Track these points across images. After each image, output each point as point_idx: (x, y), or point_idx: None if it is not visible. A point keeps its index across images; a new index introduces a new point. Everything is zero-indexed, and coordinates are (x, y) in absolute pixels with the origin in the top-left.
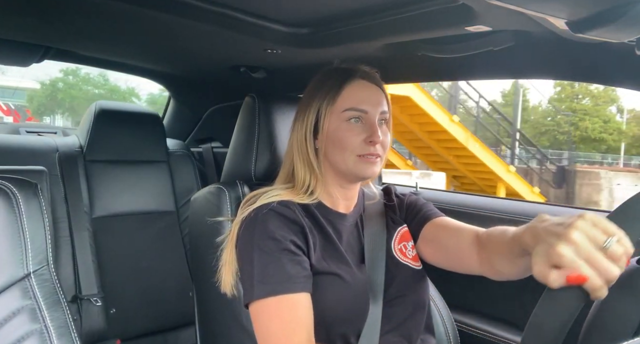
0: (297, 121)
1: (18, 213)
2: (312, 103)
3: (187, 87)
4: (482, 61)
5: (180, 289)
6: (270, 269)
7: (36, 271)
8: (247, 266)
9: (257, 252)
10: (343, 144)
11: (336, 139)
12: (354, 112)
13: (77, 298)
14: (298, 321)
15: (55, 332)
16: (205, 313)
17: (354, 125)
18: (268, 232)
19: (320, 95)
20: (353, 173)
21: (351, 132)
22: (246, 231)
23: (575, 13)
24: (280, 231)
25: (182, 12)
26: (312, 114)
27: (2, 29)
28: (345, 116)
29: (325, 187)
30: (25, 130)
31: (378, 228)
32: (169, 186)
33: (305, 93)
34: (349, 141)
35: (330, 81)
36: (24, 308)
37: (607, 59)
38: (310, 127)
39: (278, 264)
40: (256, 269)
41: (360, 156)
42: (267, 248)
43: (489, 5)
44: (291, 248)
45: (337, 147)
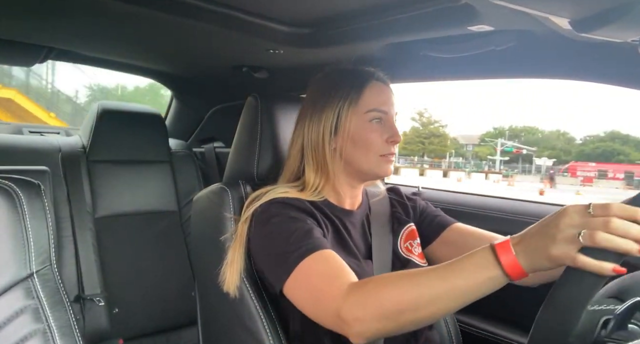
0: (311, 120)
1: (21, 213)
2: (331, 103)
3: (190, 88)
4: (485, 61)
5: (182, 288)
6: (294, 239)
7: (39, 271)
8: (271, 250)
9: (277, 232)
10: (367, 144)
11: (360, 139)
12: (376, 113)
13: (80, 298)
14: (337, 267)
15: (58, 332)
16: (208, 313)
17: (376, 125)
18: (284, 215)
19: (340, 95)
20: (374, 172)
21: (375, 132)
22: (260, 221)
23: (579, 12)
24: (296, 213)
25: (184, 12)
26: (332, 114)
27: (5, 29)
28: (368, 116)
29: (334, 185)
30: (28, 130)
31: (385, 226)
32: (171, 186)
33: (316, 93)
34: (373, 141)
35: (348, 82)
36: (27, 308)
37: (609, 58)
38: (329, 127)
39: (300, 232)
40: (281, 246)
41: (382, 156)
42: (286, 226)
43: (491, 4)
44: (309, 222)
45: (360, 147)
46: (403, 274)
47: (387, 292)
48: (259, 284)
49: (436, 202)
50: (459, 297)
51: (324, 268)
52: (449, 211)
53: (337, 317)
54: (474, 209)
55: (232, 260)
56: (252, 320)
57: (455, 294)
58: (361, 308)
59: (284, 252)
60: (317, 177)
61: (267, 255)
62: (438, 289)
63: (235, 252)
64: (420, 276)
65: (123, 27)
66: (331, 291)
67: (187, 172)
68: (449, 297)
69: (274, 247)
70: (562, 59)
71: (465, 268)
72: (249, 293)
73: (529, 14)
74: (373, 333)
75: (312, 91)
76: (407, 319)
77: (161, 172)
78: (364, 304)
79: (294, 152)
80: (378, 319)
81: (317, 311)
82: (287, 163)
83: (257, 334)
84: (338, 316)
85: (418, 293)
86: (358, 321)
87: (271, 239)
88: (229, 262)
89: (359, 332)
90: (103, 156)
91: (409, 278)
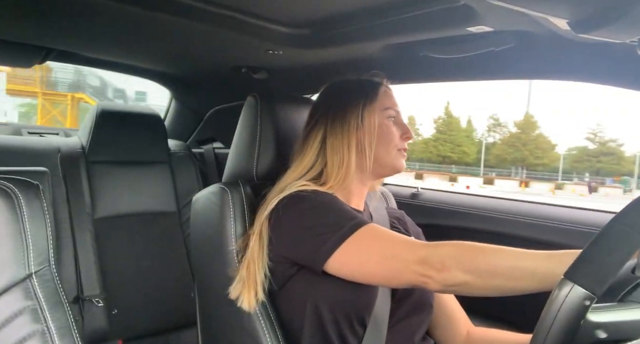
0: (335, 117)
1: (20, 214)
2: (353, 101)
3: (189, 88)
4: (484, 62)
5: (182, 289)
6: (340, 213)
7: (38, 272)
8: (312, 224)
9: (317, 208)
10: (389, 139)
11: (383, 134)
12: (392, 111)
13: (79, 299)
14: (395, 233)
15: (57, 333)
16: (207, 314)
17: (391, 122)
18: (317, 199)
19: (360, 94)
20: (392, 164)
21: (393, 128)
22: (289, 206)
23: (578, 13)
24: (326, 198)
25: (184, 13)
26: (356, 110)
27: (5, 30)
28: (386, 113)
29: (344, 182)
30: (27, 131)
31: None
32: (170, 187)
33: (334, 94)
34: (393, 136)
35: (363, 85)
36: (25, 309)
37: (608, 59)
38: (354, 122)
39: (342, 209)
40: (327, 219)
41: (399, 150)
42: (324, 205)
43: (490, 5)
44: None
45: (383, 141)
46: (501, 247)
47: (483, 252)
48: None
49: (435, 203)
50: (544, 283)
51: (388, 234)
52: (448, 212)
53: (422, 263)
54: (473, 210)
55: (252, 258)
56: (250, 321)
57: (545, 279)
58: (453, 258)
59: (332, 223)
60: (340, 172)
61: (306, 230)
62: (536, 267)
63: (257, 249)
64: (520, 252)
65: (123, 28)
66: (407, 246)
67: (186, 172)
68: (538, 279)
69: (315, 222)
70: (561, 59)
71: (564, 261)
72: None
73: (528, 15)
74: (456, 283)
75: (328, 93)
76: (496, 284)
77: (160, 173)
78: (456, 255)
79: (311, 149)
80: (469, 272)
81: (389, 266)
82: (299, 159)
83: (255, 335)
84: (423, 261)
85: (516, 264)
86: (446, 269)
87: (311, 215)
88: (249, 260)
89: (443, 278)
90: (102, 157)
91: (508, 250)
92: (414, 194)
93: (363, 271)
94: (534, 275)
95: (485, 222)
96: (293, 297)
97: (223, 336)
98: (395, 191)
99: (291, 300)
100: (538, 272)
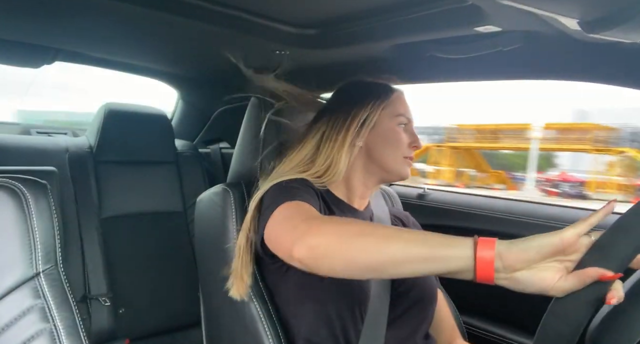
0: (339, 114)
1: (28, 213)
2: (363, 101)
3: (196, 88)
4: (491, 62)
5: (188, 289)
6: (291, 192)
7: (45, 271)
8: (266, 210)
9: (276, 192)
10: (397, 144)
11: (391, 138)
12: (403, 118)
13: (86, 298)
14: (309, 209)
15: (64, 331)
16: (211, 314)
17: (402, 129)
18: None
19: (373, 96)
20: (397, 171)
21: (403, 135)
22: (269, 193)
23: (589, 13)
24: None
25: (190, 13)
26: (364, 110)
27: (13, 31)
28: (397, 120)
29: (348, 181)
30: (35, 131)
31: None
32: (177, 187)
33: (346, 93)
34: (401, 143)
35: (378, 87)
36: (33, 308)
37: (617, 59)
38: (356, 122)
39: (293, 191)
40: (272, 200)
41: (405, 158)
42: (290, 186)
43: (498, 5)
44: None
45: (390, 145)
46: (375, 231)
47: (354, 248)
48: (260, 284)
49: (442, 204)
50: (418, 266)
51: (302, 208)
52: (455, 212)
53: (290, 253)
54: (480, 211)
55: (240, 247)
56: (253, 322)
57: (418, 263)
58: (323, 249)
59: (275, 201)
60: (329, 170)
61: (264, 210)
62: (407, 254)
63: (238, 254)
64: (391, 238)
65: (130, 28)
66: (296, 227)
67: (192, 172)
68: (410, 263)
69: (270, 201)
70: (569, 60)
71: (441, 243)
72: (250, 294)
73: (537, 15)
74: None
75: (341, 90)
76: (363, 273)
77: (167, 173)
78: (327, 247)
79: (310, 143)
80: (337, 265)
81: (277, 246)
82: (297, 151)
83: (257, 336)
84: (291, 253)
85: (387, 256)
86: (314, 259)
87: (271, 196)
88: (239, 250)
89: (308, 265)
90: (110, 157)
91: (380, 239)
92: (420, 195)
93: (270, 238)
94: (403, 263)
95: (493, 224)
96: (291, 296)
97: (226, 336)
98: (402, 192)
99: (290, 299)
100: (409, 259)
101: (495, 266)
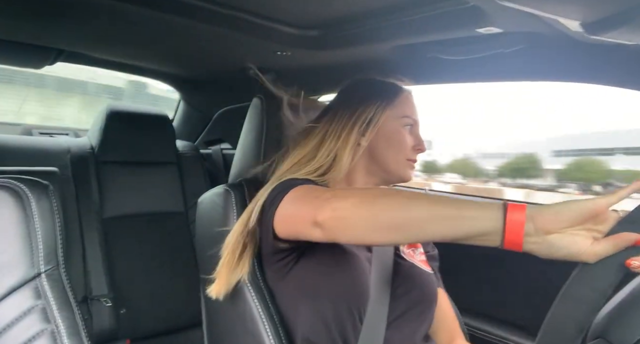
0: (343, 113)
1: (30, 213)
2: (368, 101)
3: (197, 89)
4: (493, 64)
5: (190, 289)
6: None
7: (47, 271)
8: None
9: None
10: (400, 145)
11: (394, 140)
12: (409, 119)
13: (87, 298)
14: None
15: (66, 332)
16: (212, 314)
17: (407, 131)
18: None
19: (379, 95)
20: (398, 174)
21: (407, 136)
22: (272, 191)
23: (591, 14)
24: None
25: (192, 14)
26: (368, 110)
27: (15, 31)
28: (403, 121)
29: (350, 181)
30: (38, 131)
31: None
32: (178, 188)
33: (351, 93)
34: (405, 144)
35: (385, 87)
36: (34, 308)
37: (619, 61)
38: (361, 122)
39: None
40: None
41: (408, 160)
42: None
43: (500, 6)
44: None
45: (393, 146)
46: (399, 193)
47: (378, 207)
48: (261, 285)
49: None
50: (445, 226)
51: (305, 192)
52: None
53: (314, 218)
54: None
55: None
56: (253, 322)
57: (445, 225)
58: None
59: (276, 195)
60: (330, 168)
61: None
62: (432, 213)
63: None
64: (416, 198)
65: (132, 29)
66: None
67: (194, 173)
68: (436, 222)
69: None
70: (571, 61)
71: (468, 203)
72: (251, 295)
73: (538, 16)
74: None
75: (346, 91)
76: (386, 234)
77: (169, 174)
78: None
79: (314, 140)
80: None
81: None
82: (300, 148)
83: (258, 336)
84: (315, 217)
85: (411, 213)
86: (338, 210)
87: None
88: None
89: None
90: (111, 157)
91: (405, 198)
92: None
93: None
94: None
95: None
96: (291, 296)
97: (227, 336)
98: None
99: (290, 300)
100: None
101: (526, 229)
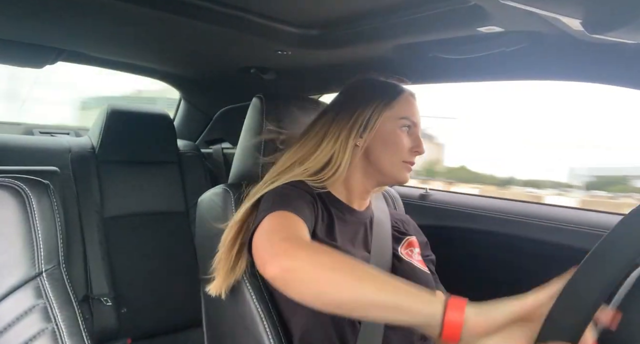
0: (341, 114)
1: (30, 213)
2: (367, 102)
3: (198, 89)
4: (494, 63)
5: (190, 289)
6: (285, 200)
7: (48, 271)
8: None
9: (278, 196)
10: (396, 147)
11: (390, 141)
12: (408, 121)
13: (88, 298)
14: (295, 225)
15: (67, 331)
16: (212, 314)
17: (405, 133)
18: (288, 187)
19: (377, 96)
20: (394, 175)
21: (404, 138)
22: (265, 197)
23: (592, 13)
24: (298, 190)
25: (193, 14)
26: (366, 111)
27: (16, 31)
28: (401, 122)
29: (347, 182)
30: (38, 131)
31: (386, 230)
32: (179, 187)
33: (351, 93)
34: (401, 146)
35: (385, 88)
36: (35, 307)
37: (621, 60)
38: (359, 123)
39: (293, 197)
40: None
41: (405, 162)
42: (286, 193)
43: (501, 5)
44: (307, 198)
45: (388, 148)
46: (350, 268)
47: (325, 281)
48: (260, 285)
49: (444, 204)
50: (386, 313)
51: (285, 222)
52: (457, 213)
53: (264, 269)
54: (482, 211)
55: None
56: (253, 322)
57: (386, 311)
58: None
59: (262, 210)
60: (327, 169)
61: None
62: (376, 299)
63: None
64: (365, 279)
65: (133, 28)
66: (275, 244)
67: (195, 172)
68: (378, 308)
69: (264, 206)
70: (572, 61)
71: (412, 295)
72: (251, 295)
73: (539, 15)
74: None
75: (346, 91)
76: (330, 308)
77: (169, 173)
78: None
79: (313, 140)
80: (301, 294)
81: (255, 256)
82: (298, 147)
83: (258, 336)
84: (264, 269)
85: (356, 296)
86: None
87: (264, 202)
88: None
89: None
90: (112, 157)
91: (354, 277)
92: (422, 195)
93: (253, 246)
94: (371, 307)
95: (494, 224)
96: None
97: (227, 336)
98: (404, 192)
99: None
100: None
101: (462, 331)
